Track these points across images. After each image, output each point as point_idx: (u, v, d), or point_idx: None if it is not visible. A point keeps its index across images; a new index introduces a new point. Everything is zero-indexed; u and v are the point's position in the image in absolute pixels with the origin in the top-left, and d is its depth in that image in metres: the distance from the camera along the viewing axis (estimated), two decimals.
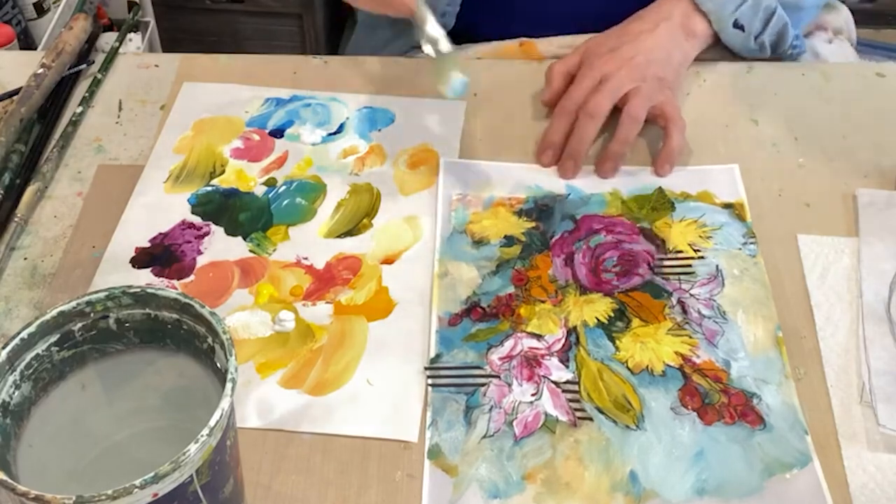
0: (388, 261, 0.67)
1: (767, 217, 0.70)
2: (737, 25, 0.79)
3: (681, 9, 0.79)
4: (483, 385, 0.59)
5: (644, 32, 0.77)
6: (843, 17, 0.95)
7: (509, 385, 0.59)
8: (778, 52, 0.83)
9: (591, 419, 0.58)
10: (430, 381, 0.60)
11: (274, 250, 0.68)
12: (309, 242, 0.69)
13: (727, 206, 0.70)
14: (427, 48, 0.68)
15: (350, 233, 0.70)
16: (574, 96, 0.74)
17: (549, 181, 0.73)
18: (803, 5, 0.81)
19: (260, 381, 0.60)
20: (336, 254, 0.68)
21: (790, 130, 0.77)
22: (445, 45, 0.67)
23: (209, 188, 0.73)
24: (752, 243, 0.67)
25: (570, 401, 0.59)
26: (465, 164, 0.74)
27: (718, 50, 0.82)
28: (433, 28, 0.67)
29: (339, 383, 0.60)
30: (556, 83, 0.78)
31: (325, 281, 0.66)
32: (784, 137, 0.76)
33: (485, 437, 0.57)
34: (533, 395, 0.59)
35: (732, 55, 0.83)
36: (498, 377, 0.60)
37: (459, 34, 0.91)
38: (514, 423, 0.57)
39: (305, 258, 0.68)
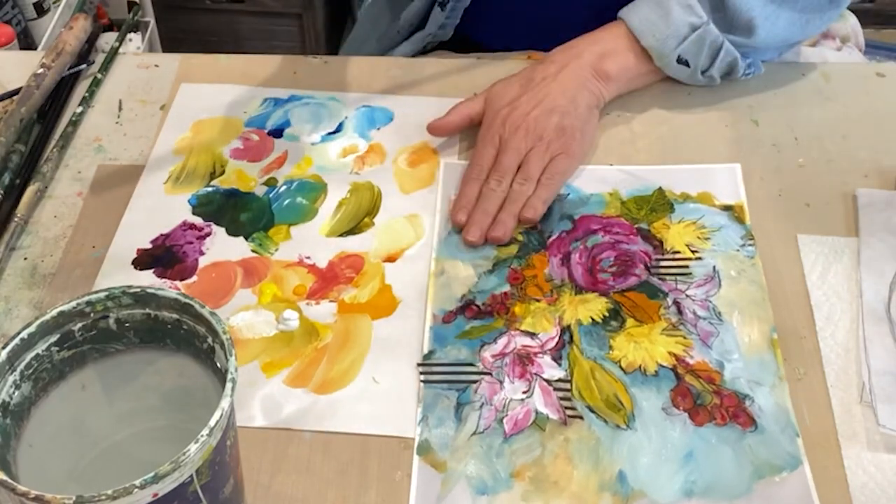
0: (391, 259, 0.68)
1: (767, 217, 0.70)
2: (680, 61, 0.76)
3: (596, 49, 0.76)
4: (475, 382, 0.60)
5: (548, 78, 0.74)
6: (849, 24, 0.93)
7: (501, 382, 0.59)
8: (730, 79, 0.80)
9: (581, 418, 0.58)
10: (422, 377, 0.60)
11: (276, 250, 0.68)
12: (311, 241, 0.69)
13: (727, 207, 0.70)
14: None
15: (352, 231, 0.70)
16: (480, 164, 0.72)
17: None
18: (754, 45, 0.77)
19: (266, 381, 0.60)
20: (338, 252, 0.68)
21: (790, 130, 0.77)
22: None
23: (210, 189, 0.73)
24: (750, 245, 0.67)
25: (562, 399, 0.59)
26: (466, 166, 0.74)
27: None
28: None
29: (344, 381, 0.60)
30: (453, 120, 0.75)
31: (328, 280, 0.66)
32: (784, 137, 0.76)
33: (475, 433, 0.57)
34: (524, 392, 0.59)
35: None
36: (490, 374, 0.60)
37: (459, 45, 0.91)
38: (505, 421, 0.57)
39: (308, 257, 0.68)
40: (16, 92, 0.79)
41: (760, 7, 0.74)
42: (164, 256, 0.68)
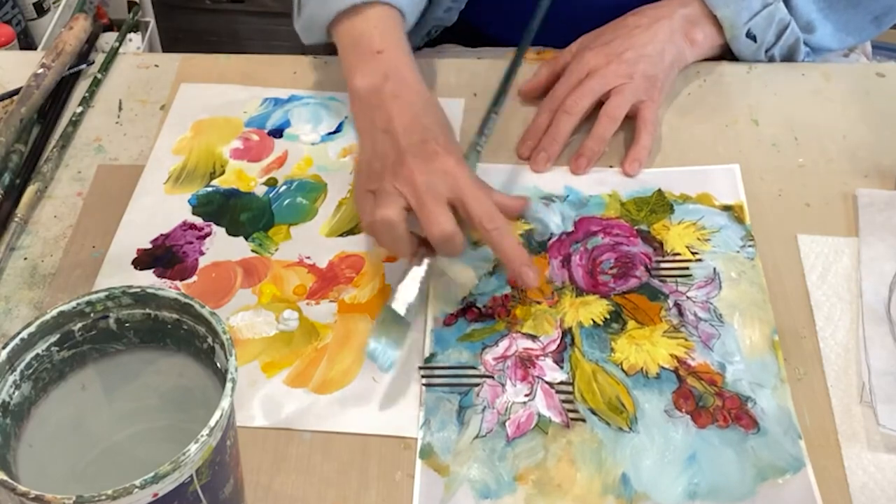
0: (391, 258, 0.67)
1: (767, 217, 0.70)
2: (749, 35, 0.79)
3: (685, 12, 0.78)
4: (477, 385, 0.59)
5: (640, 27, 0.76)
6: None
7: (503, 385, 0.59)
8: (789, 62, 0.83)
9: (584, 420, 0.58)
10: (423, 380, 0.60)
11: (276, 250, 0.68)
12: (311, 241, 0.69)
13: (726, 208, 0.70)
14: (394, 303, 0.60)
15: (352, 231, 0.70)
16: (557, 93, 0.74)
17: (547, 183, 0.73)
18: (814, 28, 0.80)
19: (266, 381, 0.60)
20: (338, 252, 0.68)
21: (790, 130, 0.77)
22: (405, 313, 0.60)
23: (209, 189, 0.73)
24: (750, 246, 0.67)
25: (564, 402, 0.59)
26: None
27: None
28: (407, 291, 0.60)
29: (344, 381, 0.60)
30: (540, 77, 0.78)
31: (328, 280, 0.66)
32: (784, 137, 0.76)
33: (477, 437, 0.57)
34: (526, 395, 0.59)
35: (732, 56, 0.83)
36: (492, 377, 0.60)
37: (464, 33, 0.91)
38: (507, 424, 0.57)
39: (308, 257, 0.68)
40: (16, 92, 0.79)
41: (816, 12, 0.78)
42: (164, 256, 0.68)
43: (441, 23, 0.89)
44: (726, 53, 0.82)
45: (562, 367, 0.60)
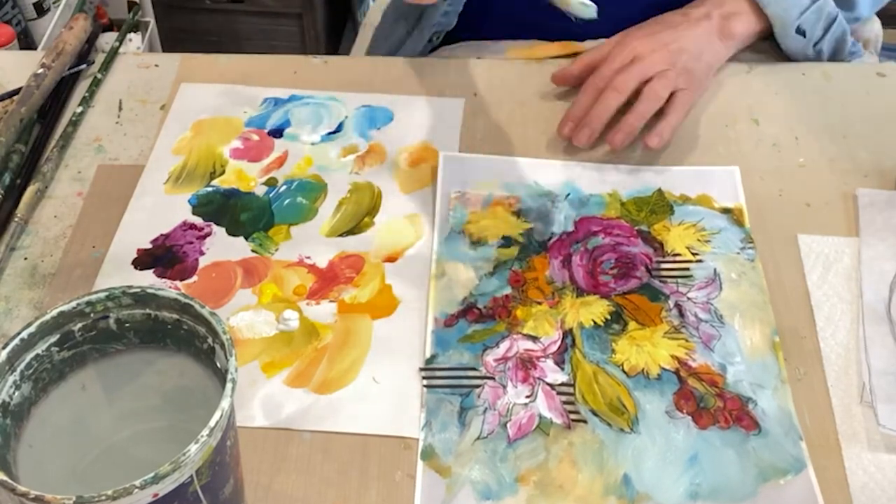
0: (391, 259, 0.67)
1: (767, 217, 0.70)
2: (799, 31, 0.79)
3: (724, 11, 0.79)
4: (478, 387, 0.59)
5: (684, 24, 0.78)
6: (875, 29, 0.94)
7: (504, 387, 0.59)
8: (838, 59, 0.84)
9: (585, 421, 0.58)
10: (425, 382, 0.60)
11: (276, 250, 0.68)
12: (311, 241, 0.69)
13: (726, 210, 0.70)
14: None
15: (352, 231, 0.70)
16: (604, 73, 0.75)
17: (549, 177, 0.73)
18: (857, 16, 0.81)
19: (266, 381, 0.60)
20: (338, 252, 0.68)
21: (790, 130, 0.77)
22: None
23: (209, 189, 0.73)
24: (750, 248, 0.67)
25: (565, 403, 0.58)
26: (464, 159, 0.74)
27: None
28: None
29: (344, 381, 0.60)
30: (578, 66, 0.79)
31: (328, 280, 0.66)
32: (784, 137, 0.76)
33: (478, 438, 0.57)
34: (527, 396, 0.59)
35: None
36: (493, 379, 0.60)
37: (462, 36, 0.91)
38: (508, 425, 0.57)
39: (308, 257, 0.68)
40: (16, 92, 0.79)
41: None
42: (164, 256, 0.68)
43: (441, 28, 0.89)
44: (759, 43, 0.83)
45: (563, 369, 0.60)
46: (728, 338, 0.62)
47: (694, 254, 0.67)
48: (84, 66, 0.84)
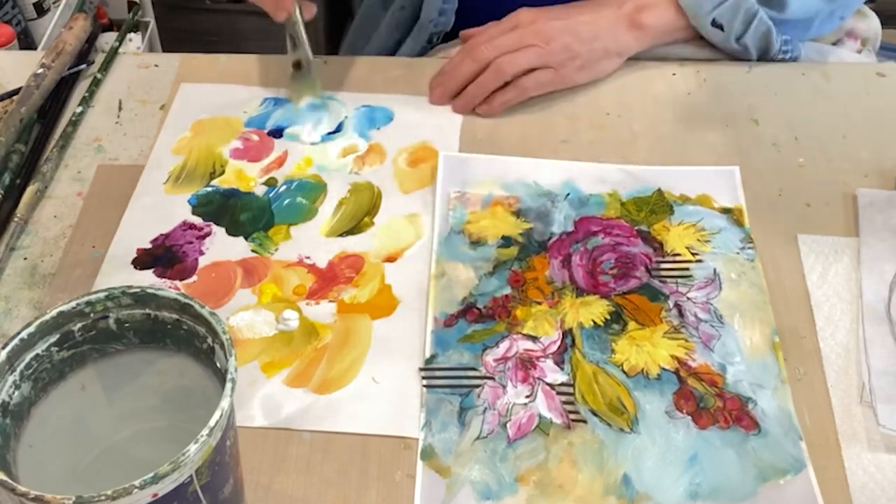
0: (391, 259, 0.68)
1: (767, 217, 0.70)
2: (715, 24, 0.79)
3: (637, 3, 0.79)
4: (477, 386, 0.59)
5: (588, 8, 0.78)
6: (873, 26, 0.94)
7: (504, 387, 0.59)
8: (768, 58, 0.82)
9: (585, 422, 0.57)
10: (424, 382, 0.60)
11: (276, 250, 0.68)
12: (311, 241, 0.69)
13: (725, 210, 0.70)
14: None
15: (352, 231, 0.70)
16: (478, 39, 0.77)
17: (548, 177, 0.73)
18: (787, 17, 0.79)
19: (265, 381, 0.60)
20: (338, 252, 0.68)
21: (790, 130, 0.77)
22: (308, 66, 0.71)
23: (209, 189, 0.73)
24: (749, 248, 0.67)
25: (565, 403, 0.58)
26: (464, 159, 0.74)
27: (719, 50, 0.82)
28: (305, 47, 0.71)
29: (344, 381, 0.60)
30: (465, 35, 0.82)
31: (327, 280, 0.66)
32: (784, 137, 0.76)
33: (478, 438, 0.57)
34: (527, 396, 0.59)
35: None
36: (492, 378, 0.60)
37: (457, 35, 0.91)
38: (508, 425, 0.57)
39: (308, 257, 0.68)
40: (16, 92, 0.79)
41: None
42: (163, 256, 0.68)
43: (439, 28, 0.89)
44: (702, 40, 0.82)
45: (562, 369, 0.60)
46: (728, 338, 0.62)
47: (694, 254, 0.67)
48: (84, 66, 0.84)
